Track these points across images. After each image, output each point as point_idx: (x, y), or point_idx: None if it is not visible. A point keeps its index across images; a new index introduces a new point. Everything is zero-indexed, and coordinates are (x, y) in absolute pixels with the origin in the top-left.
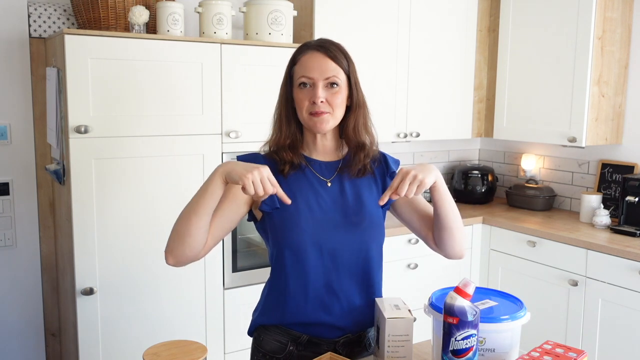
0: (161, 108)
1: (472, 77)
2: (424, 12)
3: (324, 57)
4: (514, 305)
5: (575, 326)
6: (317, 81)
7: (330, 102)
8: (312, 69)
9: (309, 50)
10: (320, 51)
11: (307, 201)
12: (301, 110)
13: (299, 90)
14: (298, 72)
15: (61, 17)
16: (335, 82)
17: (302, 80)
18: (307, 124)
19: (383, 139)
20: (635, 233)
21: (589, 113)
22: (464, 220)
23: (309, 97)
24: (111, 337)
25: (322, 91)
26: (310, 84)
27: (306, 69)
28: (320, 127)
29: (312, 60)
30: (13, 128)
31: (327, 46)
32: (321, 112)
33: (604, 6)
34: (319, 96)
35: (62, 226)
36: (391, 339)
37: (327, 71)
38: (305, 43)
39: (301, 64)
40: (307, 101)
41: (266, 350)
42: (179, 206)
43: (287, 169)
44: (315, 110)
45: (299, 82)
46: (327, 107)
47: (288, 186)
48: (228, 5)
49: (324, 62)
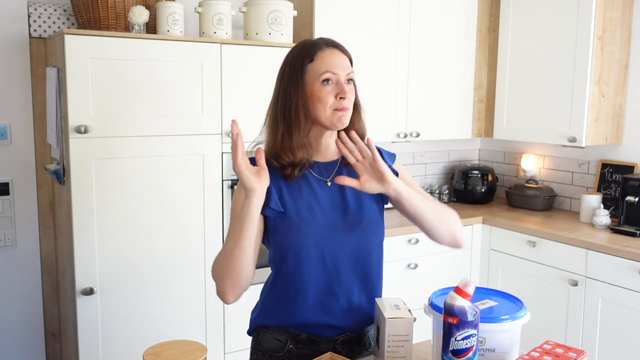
0: (161, 108)
1: (472, 77)
2: (424, 12)
3: (342, 55)
4: (514, 305)
5: (575, 326)
6: (340, 77)
7: (350, 98)
8: (336, 65)
9: (326, 46)
10: (337, 48)
11: (308, 204)
12: (325, 106)
13: (321, 87)
14: (319, 68)
15: (61, 17)
16: (352, 78)
17: (327, 76)
18: (330, 120)
19: (383, 139)
20: (635, 233)
21: (589, 113)
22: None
23: (335, 92)
24: (111, 337)
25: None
26: (335, 81)
27: (330, 65)
28: (343, 121)
29: (334, 57)
30: (13, 128)
31: (339, 44)
32: (347, 107)
33: (604, 6)
34: (346, 91)
35: (62, 226)
36: (391, 339)
37: (347, 67)
38: (314, 40)
39: (322, 61)
40: (332, 97)
41: (265, 348)
42: (179, 206)
43: (297, 172)
44: (342, 105)
45: (322, 78)
46: (349, 102)
47: (290, 190)
48: (228, 5)
49: (344, 59)
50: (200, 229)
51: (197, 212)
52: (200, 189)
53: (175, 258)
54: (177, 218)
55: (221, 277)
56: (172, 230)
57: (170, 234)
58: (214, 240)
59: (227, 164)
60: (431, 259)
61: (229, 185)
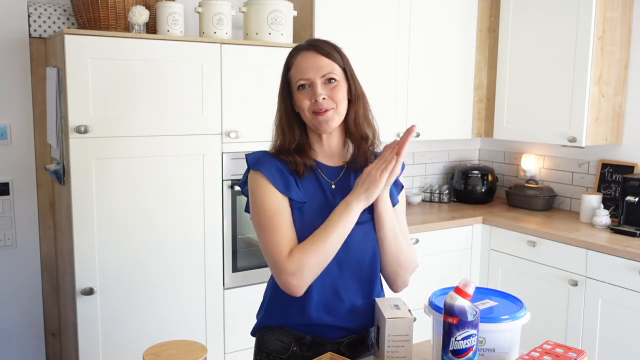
0: (161, 108)
1: (472, 77)
2: (424, 12)
3: (317, 55)
4: (514, 305)
5: (575, 326)
6: (314, 80)
7: (332, 98)
8: (308, 70)
9: (300, 52)
10: (312, 50)
11: (319, 205)
12: (304, 111)
13: (298, 93)
14: (294, 75)
15: (61, 17)
16: (333, 77)
17: (300, 82)
18: (312, 124)
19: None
20: (635, 233)
21: (589, 113)
22: (464, 220)
23: (310, 96)
24: (111, 337)
25: (322, 88)
26: (309, 84)
27: (302, 71)
28: (325, 126)
29: (306, 60)
30: (13, 128)
31: (318, 44)
32: (325, 109)
33: (604, 6)
34: (319, 93)
35: (62, 226)
36: (391, 339)
37: (322, 68)
38: (296, 46)
39: (296, 67)
40: (309, 100)
41: (269, 350)
42: (179, 206)
43: (302, 169)
44: (318, 107)
45: (297, 84)
46: (330, 102)
47: (304, 187)
48: (228, 5)
49: (318, 60)
50: (200, 229)
51: (197, 212)
52: (200, 189)
53: (175, 258)
54: (177, 218)
55: (314, 269)
56: (172, 230)
57: (170, 233)
58: (214, 239)
59: (227, 164)
60: (431, 259)
61: (229, 185)
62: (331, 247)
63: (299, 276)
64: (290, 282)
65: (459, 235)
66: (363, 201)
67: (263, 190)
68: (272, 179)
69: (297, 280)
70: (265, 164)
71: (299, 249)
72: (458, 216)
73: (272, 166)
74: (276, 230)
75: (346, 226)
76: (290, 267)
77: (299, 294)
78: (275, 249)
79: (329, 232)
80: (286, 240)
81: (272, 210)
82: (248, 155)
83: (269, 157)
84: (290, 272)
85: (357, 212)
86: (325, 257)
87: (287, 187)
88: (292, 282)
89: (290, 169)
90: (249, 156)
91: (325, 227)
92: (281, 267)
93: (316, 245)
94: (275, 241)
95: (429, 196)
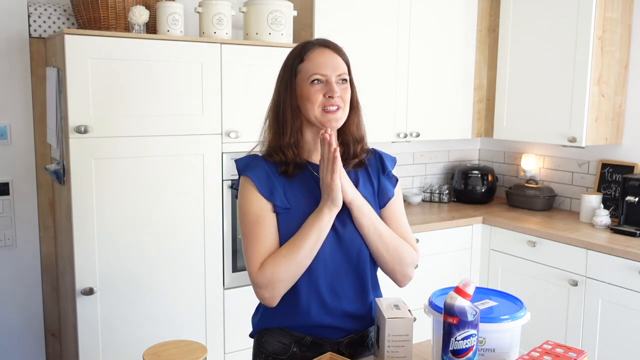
0: (161, 108)
1: (472, 77)
2: (424, 12)
3: (334, 54)
4: (514, 305)
5: (575, 326)
6: (330, 77)
7: (343, 98)
8: (325, 65)
9: (317, 46)
10: (329, 47)
11: (310, 205)
12: (313, 106)
13: (310, 87)
14: (309, 69)
15: (61, 17)
16: (346, 78)
17: (316, 77)
18: (320, 120)
19: (383, 139)
20: (635, 233)
21: (589, 113)
22: (464, 220)
23: (324, 91)
24: (111, 337)
25: (336, 86)
26: (325, 80)
27: (319, 66)
28: (334, 123)
29: (324, 56)
30: (13, 128)
31: (332, 44)
32: (337, 107)
33: (604, 6)
34: (335, 90)
35: (62, 226)
36: (391, 339)
37: (339, 67)
38: (308, 41)
39: (311, 61)
40: (322, 95)
41: (269, 351)
42: (178, 206)
43: (291, 169)
44: (331, 103)
45: (311, 78)
46: (341, 101)
47: (292, 188)
48: (228, 5)
49: (335, 59)
50: (200, 229)
51: (197, 212)
52: (200, 189)
53: (175, 258)
54: (177, 218)
55: (286, 281)
56: (172, 230)
57: (170, 233)
58: (214, 239)
59: (227, 164)
60: (431, 259)
61: (228, 185)
62: (304, 258)
63: (271, 289)
64: (263, 295)
65: (459, 235)
66: (331, 206)
67: (248, 195)
68: (258, 184)
69: (269, 293)
70: (253, 168)
71: (270, 262)
72: (458, 216)
73: (260, 170)
74: (255, 238)
75: (319, 235)
76: (262, 280)
77: (272, 305)
78: (251, 260)
79: (301, 243)
80: (263, 250)
81: (254, 217)
82: (237, 161)
83: (257, 161)
84: (262, 285)
85: (329, 218)
86: (297, 268)
87: (272, 193)
88: (264, 294)
89: (279, 170)
90: (238, 161)
91: (297, 238)
92: (253, 280)
93: (287, 257)
94: (252, 251)
95: (428, 196)
